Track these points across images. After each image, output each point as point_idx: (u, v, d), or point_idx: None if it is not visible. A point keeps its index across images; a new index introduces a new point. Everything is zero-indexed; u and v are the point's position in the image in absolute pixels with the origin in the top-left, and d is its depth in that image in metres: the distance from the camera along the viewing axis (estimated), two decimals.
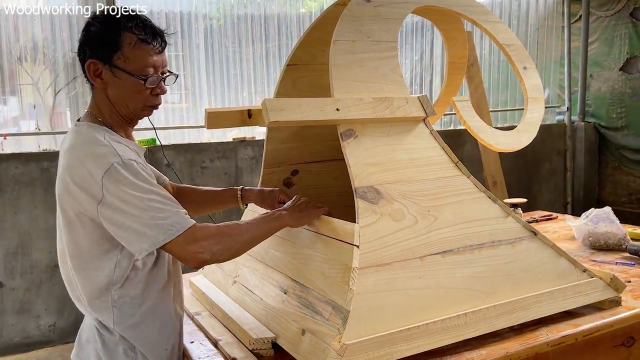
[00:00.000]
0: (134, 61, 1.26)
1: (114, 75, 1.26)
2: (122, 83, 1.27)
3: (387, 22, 1.46)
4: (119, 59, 1.25)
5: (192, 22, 4.14)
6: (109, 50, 1.25)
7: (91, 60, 1.26)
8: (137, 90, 1.28)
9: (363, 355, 1.13)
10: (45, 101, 3.78)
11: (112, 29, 1.25)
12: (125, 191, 1.15)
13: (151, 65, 1.28)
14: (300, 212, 1.37)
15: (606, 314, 1.45)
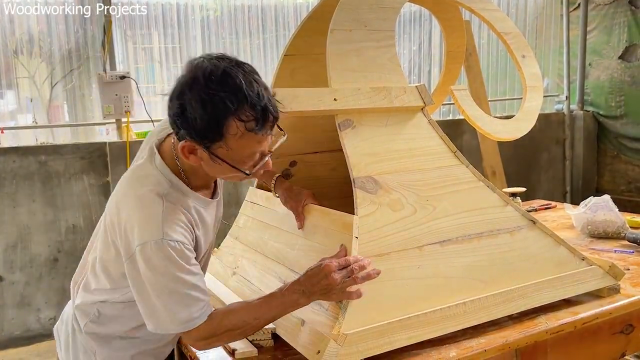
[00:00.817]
0: (238, 152, 1.08)
1: (211, 160, 1.10)
2: (221, 168, 1.11)
3: (384, 11, 1.45)
4: (220, 148, 1.07)
5: (189, 13, 4.12)
6: (209, 138, 1.06)
7: (187, 142, 1.08)
8: (237, 175, 1.14)
9: (362, 344, 1.13)
10: (42, 94, 3.76)
11: (214, 114, 1.03)
12: (152, 273, 1.08)
13: (258, 152, 1.11)
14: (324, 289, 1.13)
15: (605, 301, 1.45)
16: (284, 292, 1.15)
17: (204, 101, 1.03)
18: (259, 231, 1.65)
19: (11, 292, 3.53)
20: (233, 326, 1.14)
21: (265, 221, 1.64)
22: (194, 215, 1.18)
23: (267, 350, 1.28)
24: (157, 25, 4.03)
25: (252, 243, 1.66)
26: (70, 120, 3.86)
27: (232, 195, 4.01)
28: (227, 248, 1.79)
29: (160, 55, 4.11)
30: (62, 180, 3.57)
